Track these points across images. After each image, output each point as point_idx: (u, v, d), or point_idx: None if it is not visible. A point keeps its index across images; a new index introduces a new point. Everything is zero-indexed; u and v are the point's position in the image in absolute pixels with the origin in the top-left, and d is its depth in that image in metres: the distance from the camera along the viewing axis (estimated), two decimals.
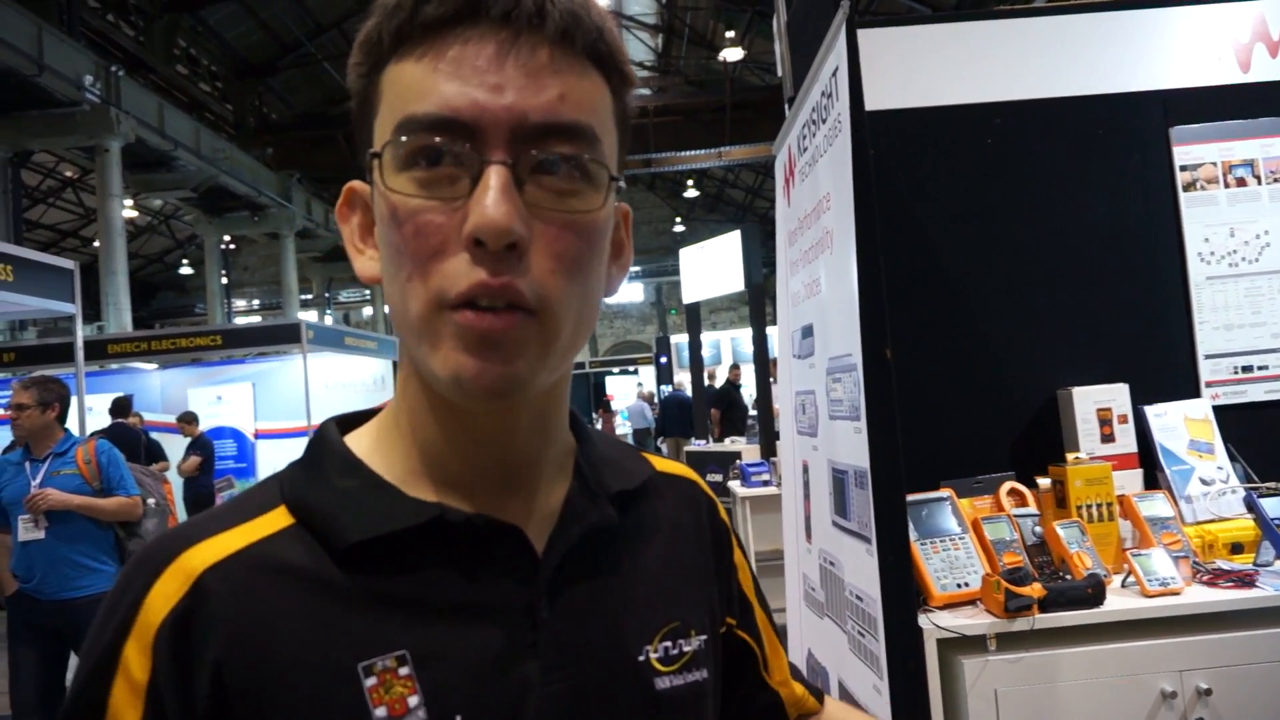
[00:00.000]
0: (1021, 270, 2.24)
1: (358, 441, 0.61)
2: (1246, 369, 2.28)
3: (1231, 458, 2.11)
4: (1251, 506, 1.97)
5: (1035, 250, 2.25)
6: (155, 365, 9.31)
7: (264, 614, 0.52)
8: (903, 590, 1.62)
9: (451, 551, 0.56)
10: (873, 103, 1.78)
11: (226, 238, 18.23)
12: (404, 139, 0.51)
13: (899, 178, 2.20)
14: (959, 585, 1.82)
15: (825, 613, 2.02)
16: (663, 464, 0.75)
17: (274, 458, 7.82)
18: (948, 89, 2.25)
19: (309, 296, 22.24)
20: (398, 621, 0.53)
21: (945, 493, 1.96)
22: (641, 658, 0.60)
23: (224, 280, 18.88)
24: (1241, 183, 2.34)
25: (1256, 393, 2.27)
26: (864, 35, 1.77)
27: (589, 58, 0.54)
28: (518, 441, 0.60)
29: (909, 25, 2.31)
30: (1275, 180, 2.33)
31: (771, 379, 7.00)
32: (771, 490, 4.72)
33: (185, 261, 22.54)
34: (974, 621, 1.72)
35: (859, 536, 1.70)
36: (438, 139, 0.51)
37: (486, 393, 0.52)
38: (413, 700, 0.51)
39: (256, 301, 24.98)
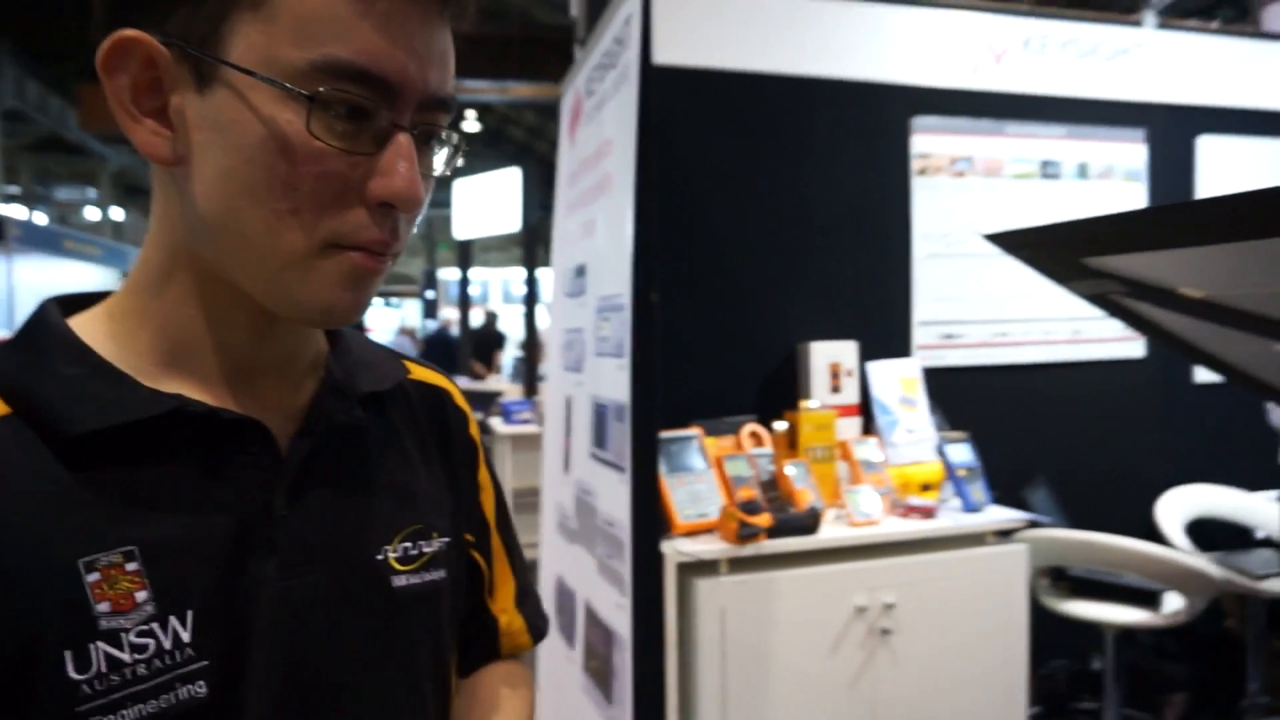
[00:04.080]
0: (777, 233, 2.44)
1: (85, 327, 0.57)
2: (949, 336, 2.65)
3: (931, 411, 2.45)
4: (940, 452, 2.32)
5: (790, 216, 2.45)
6: None
7: None
8: (650, 518, 1.75)
9: (189, 445, 0.55)
10: (661, 56, 1.85)
11: None
12: (329, 87, 0.50)
13: (677, 131, 2.30)
14: (700, 515, 1.99)
15: (576, 539, 2.14)
16: (419, 371, 0.76)
17: None
18: (730, 54, 2.37)
19: (16, 190, 19.20)
20: (128, 515, 0.52)
21: (694, 431, 2.12)
22: (380, 556, 0.62)
23: None
24: (961, 174, 2.68)
25: (954, 357, 2.65)
26: None
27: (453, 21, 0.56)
28: (291, 339, 0.61)
29: None
30: (987, 175, 2.70)
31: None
32: (532, 429, 4.81)
33: None
34: (710, 547, 1.90)
35: (614, 467, 1.81)
36: (363, 96, 0.51)
37: (345, 322, 0.56)
38: (140, 595, 0.51)
39: None
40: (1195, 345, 0.94)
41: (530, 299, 7.49)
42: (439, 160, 0.59)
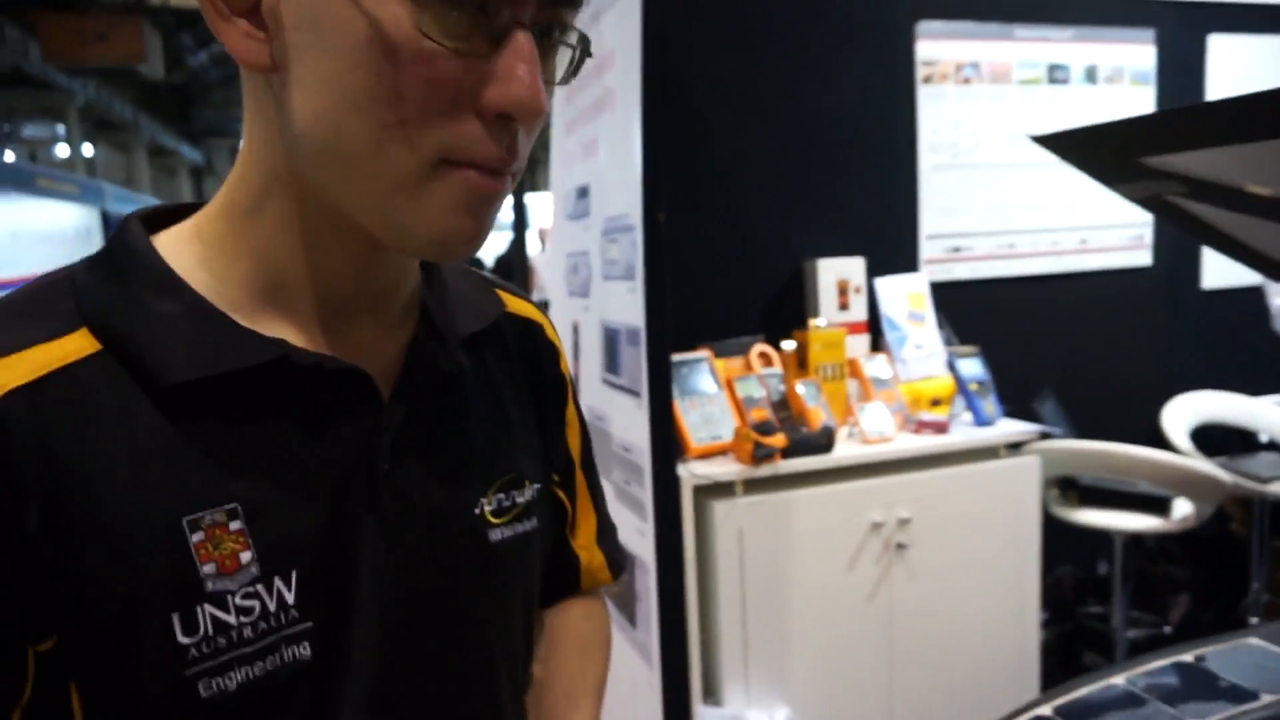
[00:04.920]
0: (780, 148, 2.36)
1: (176, 252, 0.52)
2: (957, 249, 2.61)
3: (940, 325, 2.43)
4: (950, 367, 2.30)
5: (793, 130, 2.37)
6: None
7: (75, 457, 0.45)
8: (666, 443, 1.73)
9: (290, 394, 0.51)
10: None
11: None
12: None
13: (675, 44, 2.20)
14: (713, 438, 1.98)
15: None
16: (514, 303, 0.71)
17: None
18: None
19: None
20: (228, 470, 0.49)
21: (704, 353, 2.10)
22: (477, 510, 0.60)
23: None
24: (967, 81, 2.60)
25: (962, 271, 2.61)
26: None
27: None
28: (391, 271, 0.56)
29: None
30: (994, 82, 2.62)
31: (542, 245, 7.01)
32: None
33: None
34: (725, 469, 1.89)
35: (629, 392, 1.79)
36: None
37: (467, 253, 0.49)
38: (245, 556, 0.48)
39: None
40: (1252, 247, 0.91)
41: (519, 225, 7.36)
42: (561, 64, 0.51)
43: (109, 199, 8.38)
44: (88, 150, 17.07)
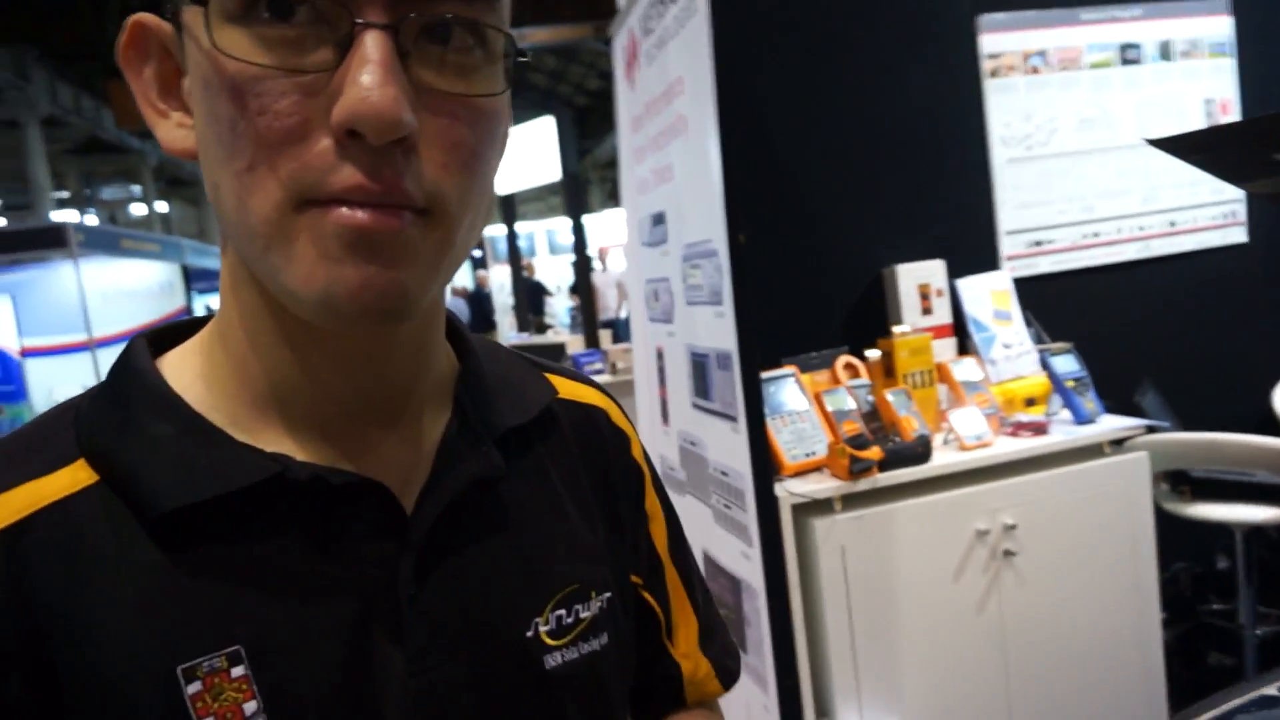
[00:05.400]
0: (849, 157, 2.34)
1: (176, 369, 0.48)
2: (1038, 243, 2.55)
3: (1027, 323, 2.37)
4: (1044, 365, 2.24)
5: (861, 138, 2.35)
6: None
7: (59, 607, 0.41)
8: (764, 464, 1.72)
9: (296, 515, 0.46)
10: None
11: None
12: None
13: (740, 63, 2.20)
14: (807, 454, 1.96)
15: (685, 490, 2.13)
16: (569, 387, 0.63)
17: (48, 376, 7.02)
18: None
19: (65, 195, 19.60)
20: (229, 608, 0.43)
21: (790, 370, 2.08)
22: (530, 632, 0.52)
23: None
24: (1035, 70, 2.54)
25: (1045, 265, 2.55)
26: None
27: None
28: (391, 367, 0.49)
29: None
30: (1064, 69, 2.56)
31: (602, 266, 7.08)
32: (606, 379, 4.82)
33: None
34: (822, 486, 1.87)
35: (724, 416, 1.79)
36: None
37: (368, 313, 0.41)
38: (249, 706, 0.42)
39: None
40: None
41: (580, 247, 7.43)
42: (488, 75, 0.43)
43: (188, 254, 8.74)
44: (162, 207, 17.81)
